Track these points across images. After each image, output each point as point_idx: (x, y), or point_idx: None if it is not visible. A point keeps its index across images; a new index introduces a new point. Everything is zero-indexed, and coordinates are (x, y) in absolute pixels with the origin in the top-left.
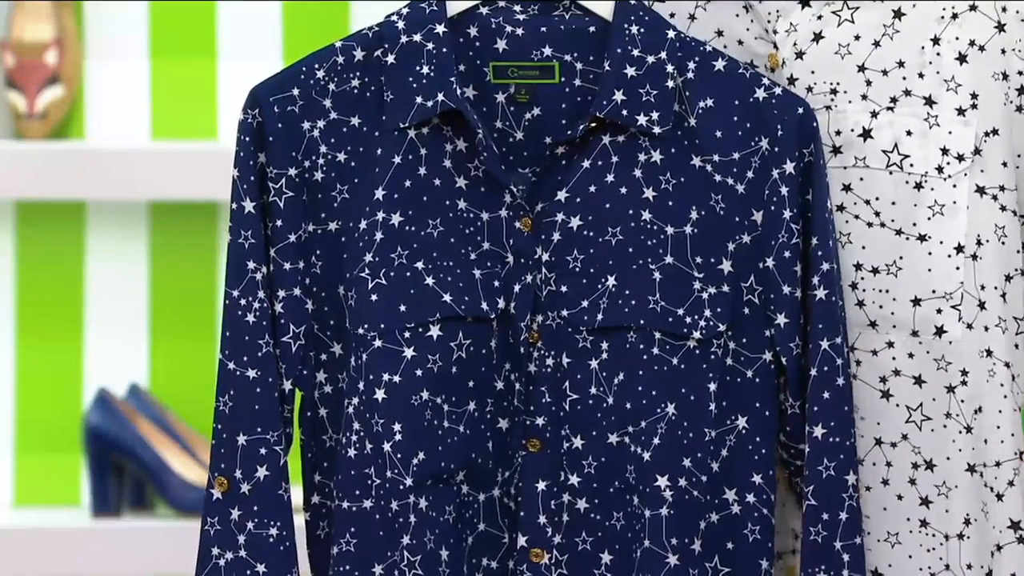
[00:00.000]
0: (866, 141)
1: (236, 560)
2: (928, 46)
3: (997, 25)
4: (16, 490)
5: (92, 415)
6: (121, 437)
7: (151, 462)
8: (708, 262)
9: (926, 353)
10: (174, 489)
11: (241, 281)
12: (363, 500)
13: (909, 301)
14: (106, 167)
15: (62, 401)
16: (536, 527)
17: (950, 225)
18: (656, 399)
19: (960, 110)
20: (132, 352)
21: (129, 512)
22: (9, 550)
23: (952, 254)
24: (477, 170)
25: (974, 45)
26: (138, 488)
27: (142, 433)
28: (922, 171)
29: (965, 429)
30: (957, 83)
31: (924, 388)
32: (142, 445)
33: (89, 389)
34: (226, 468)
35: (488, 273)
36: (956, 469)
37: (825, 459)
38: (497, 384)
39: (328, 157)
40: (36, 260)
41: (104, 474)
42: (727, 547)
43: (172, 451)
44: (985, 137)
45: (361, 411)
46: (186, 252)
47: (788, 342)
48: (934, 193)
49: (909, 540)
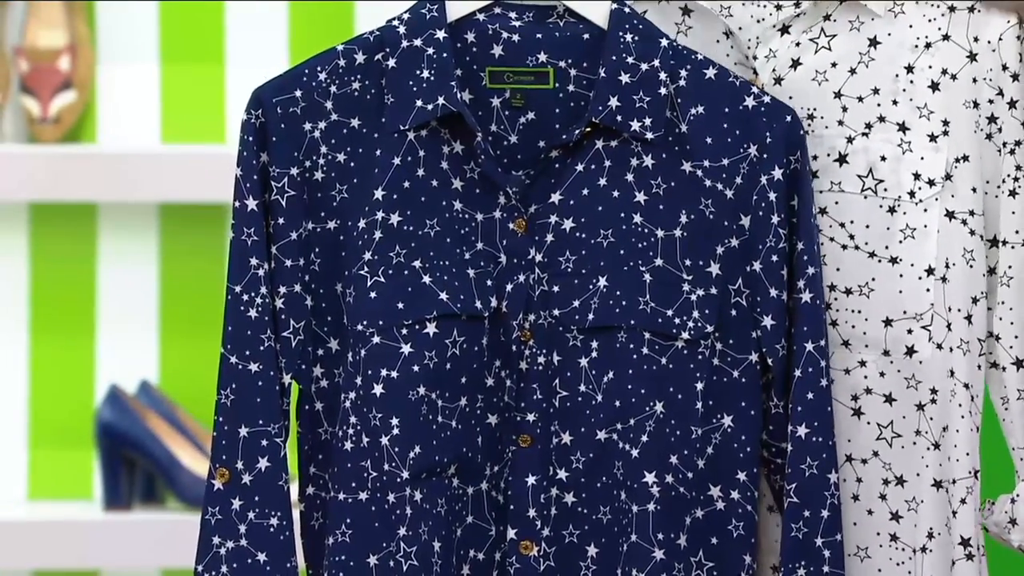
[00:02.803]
0: (841, 166)
1: (237, 549)
2: (902, 74)
3: (969, 55)
4: (30, 484)
5: (104, 411)
6: (132, 432)
7: (161, 457)
8: (697, 265)
9: (897, 372)
10: (184, 483)
11: (243, 277)
12: (359, 492)
13: (881, 322)
14: (117, 170)
15: (74, 397)
16: (526, 520)
17: (921, 248)
18: (644, 397)
19: (932, 136)
20: (142, 350)
21: (140, 505)
22: (23, 542)
23: (923, 276)
24: (473, 172)
25: (946, 74)
26: (148, 482)
27: (152, 428)
28: (895, 195)
29: (933, 446)
30: (929, 110)
31: (894, 406)
32: (152, 440)
33: (101, 386)
34: (227, 459)
35: (481, 272)
36: (925, 484)
37: (808, 458)
38: (487, 381)
39: (328, 157)
40: (49, 260)
41: (115, 468)
42: (711, 542)
43: (181, 446)
44: (956, 163)
45: (359, 405)
46: (195, 252)
47: (774, 343)
48: (906, 217)
49: (879, 554)
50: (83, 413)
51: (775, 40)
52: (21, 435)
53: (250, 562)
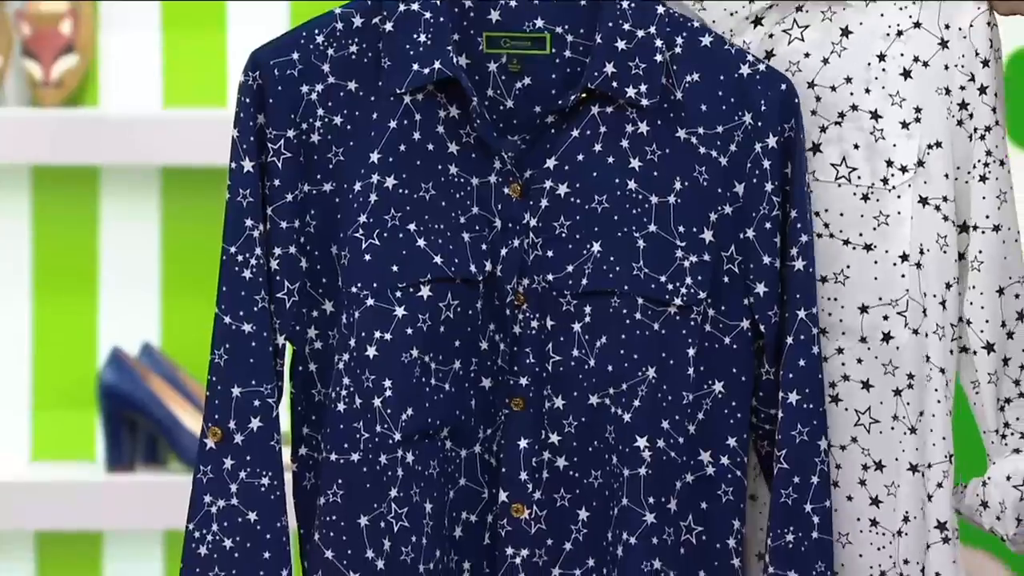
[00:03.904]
0: (815, 155)
1: (228, 508)
2: (874, 62)
3: (940, 42)
4: (33, 445)
5: (106, 373)
6: (134, 394)
7: (163, 418)
8: (690, 231)
9: (874, 358)
10: (185, 444)
11: (239, 238)
12: (351, 453)
13: (857, 308)
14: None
15: (77, 360)
16: (517, 483)
17: (895, 235)
18: (637, 362)
19: (904, 124)
20: (144, 312)
21: (142, 466)
22: (27, 503)
23: (897, 262)
24: (469, 136)
25: (918, 61)
26: (151, 443)
27: (154, 390)
28: (868, 183)
29: (910, 430)
30: (901, 97)
31: (872, 392)
32: (154, 402)
33: (103, 348)
34: (220, 419)
35: (476, 237)
36: (902, 469)
37: (799, 424)
38: (481, 344)
39: (325, 120)
40: (51, 224)
41: (118, 430)
42: (701, 507)
43: (183, 407)
44: (928, 149)
45: (352, 367)
46: (196, 215)
47: (767, 311)
48: (880, 204)
49: (860, 539)
50: (85, 375)
51: (748, 32)
52: (24, 397)
53: (241, 521)
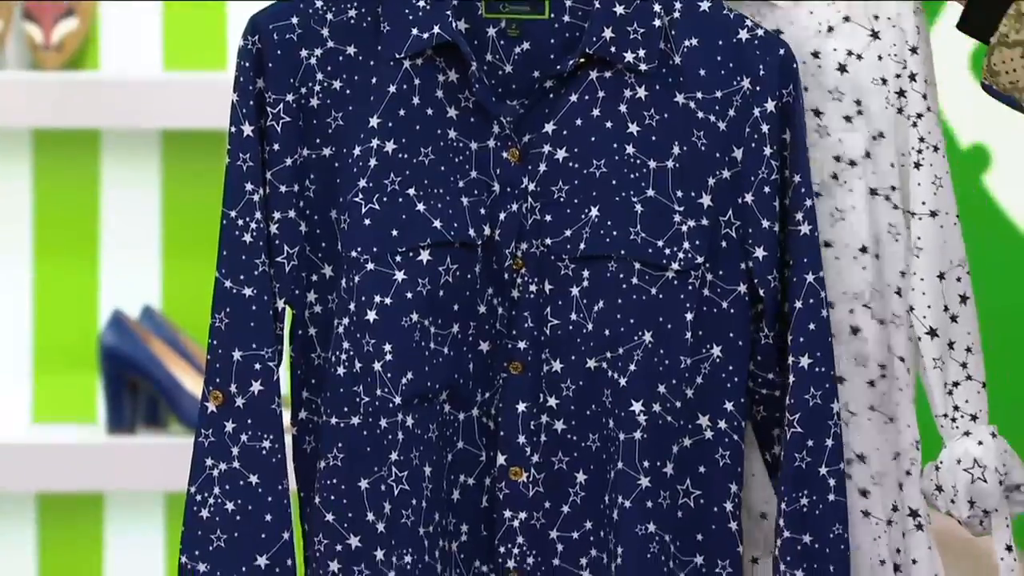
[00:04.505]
0: None
1: (229, 471)
2: (809, 60)
3: (871, 33)
4: (34, 407)
5: (107, 335)
6: (135, 357)
7: (164, 381)
8: (688, 196)
9: (845, 353)
10: (186, 407)
11: (239, 202)
12: (351, 417)
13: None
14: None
15: (78, 322)
16: (515, 446)
17: (852, 228)
18: (634, 327)
19: (847, 118)
20: (145, 275)
21: (143, 429)
22: (28, 465)
23: (857, 255)
24: (468, 101)
25: (852, 55)
26: (152, 406)
27: (155, 353)
28: (819, 180)
29: (888, 420)
30: (840, 92)
31: (846, 386)
32: (155, 364)
33: (104, 311)
34: (221, 382)
35: (475, 201)
36: (886, 458)
37: (812, 388)
38: (480, 308)
39: (324, 84)
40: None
41: (119, 392)
42: (699, 471)
43: (184, 370)
44: (873, 140)
45: (352, 331)
46: (197, 178)
47: (766, 274)
48: (834, 200)
49: (856, 532)
50: (87, 337)
51: None
52: (25, 359)
53: (242, 484)
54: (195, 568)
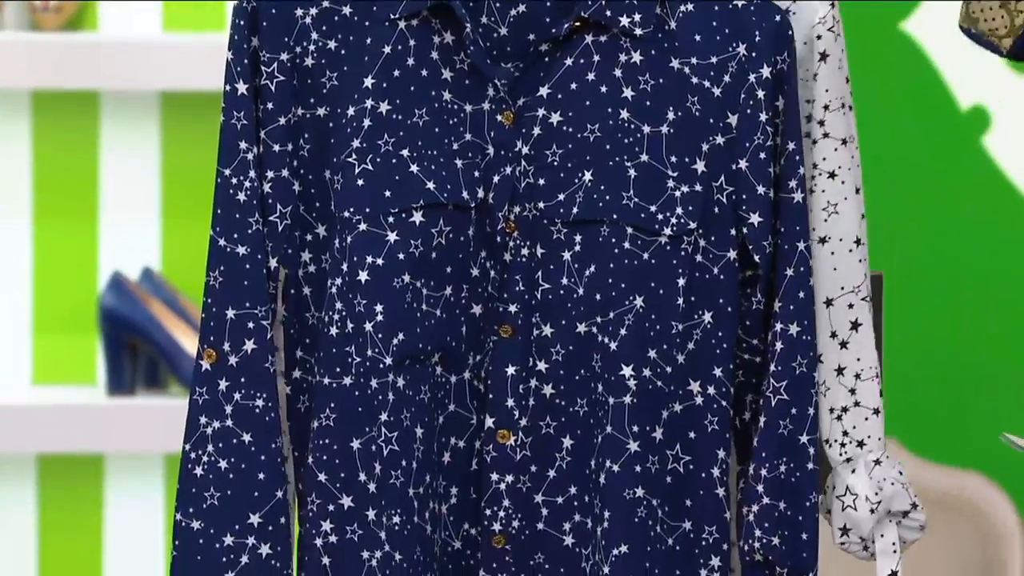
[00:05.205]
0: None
1: (223, 429)
2: None
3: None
4: (34, 369)
5: (107, 297)
6: (135, 318)
7: (164, 342)
8: (682, 161)
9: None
10: (186, 368)
11: (233, 160)
12: (343, 377)
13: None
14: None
15: (78, 284)
16: (504, 409)
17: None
18: (625, 292)
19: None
20: (145, 237)
21: (143, 390)
22: (27, 426)
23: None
24: (463, 63)
25: None
26: (151, 367)
27: (155, 314)
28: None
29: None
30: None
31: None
32: (155, 326)
33: (104, 272)
34: (215, 341)
35: (469, 163)
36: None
37: (798, 356)
38: (472, 271)
39: (319, 44)
40: (52, 148)
41: (119, 354)
42: (688, 436)
43: (184, 332)
44: None
45: (344, 291)
46: (196, 140)
47: (761, 240)
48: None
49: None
50: (86, 299)
51: None
52: (25, 321)
53: (235, 442)
54: (189, 525)
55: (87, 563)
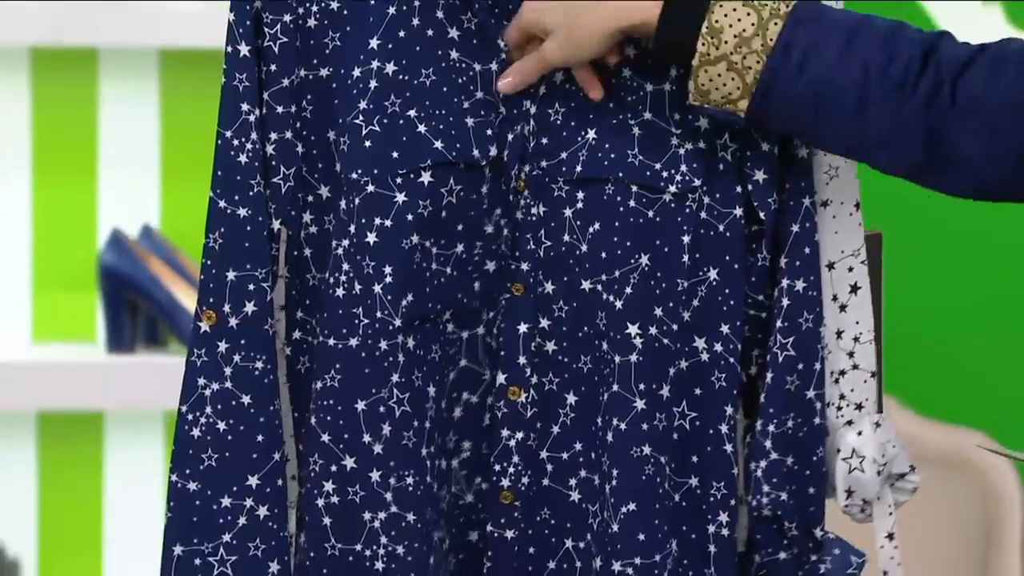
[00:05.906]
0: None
1: (221, 391)
2: None
3: None
4: (34, 326)
5: (106, 255)
6: (134, 276)
7: (163, 300)
8: (686, 119)
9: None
10: (185, 326)
11: (234, 122)
12: (349, 339)
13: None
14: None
15: (77, 241)
16: (516, 366)
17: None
18: (630, 250)
19: None
20: (144, 194)
21: (143, 348)
22: (28, 384)
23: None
24: (470, 22)
25: None
26: (151, 325)
27: (154, 272)
28: None
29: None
30: None
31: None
32: (154, 284)
33: (103, 230)
34: (215, 302)
35: (481, 121)
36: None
37: (805, 311)
38: (487, 228)
39: (322, 4)
40: (50, 105)
41: (118, 312)
42: (695, 393)
43: (183, 290)
44: None
45: (351, 253)
46: (196, 97)
47: (767, 197)
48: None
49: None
50: (86, 257)
51: None
52: (25, 278)
53: (234, 404)
54: (185, 486)
55: (87, 520)
